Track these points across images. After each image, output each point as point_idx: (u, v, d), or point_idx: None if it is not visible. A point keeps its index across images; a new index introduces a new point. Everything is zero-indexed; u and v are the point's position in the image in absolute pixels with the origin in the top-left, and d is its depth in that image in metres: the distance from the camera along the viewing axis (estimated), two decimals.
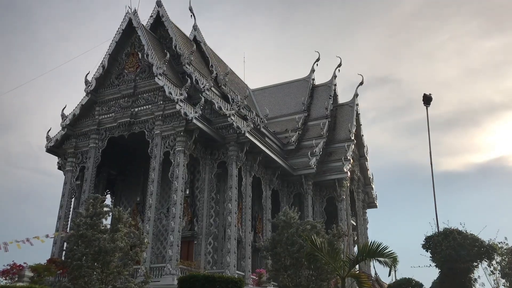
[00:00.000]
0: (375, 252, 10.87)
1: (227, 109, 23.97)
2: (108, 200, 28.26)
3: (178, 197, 20.89)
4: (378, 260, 11.05)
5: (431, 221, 19.60)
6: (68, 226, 22.79)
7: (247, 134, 23.00)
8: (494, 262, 19.39)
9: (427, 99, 15.67)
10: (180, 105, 21.88)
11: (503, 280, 19.24)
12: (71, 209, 24.08)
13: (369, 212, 36.94)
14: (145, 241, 14.13)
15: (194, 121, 21.56)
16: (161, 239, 23.80)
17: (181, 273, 19.28)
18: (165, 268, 19.63)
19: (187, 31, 32.50)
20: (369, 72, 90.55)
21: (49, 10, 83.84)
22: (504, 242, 43.22)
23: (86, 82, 25.11)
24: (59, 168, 25.83)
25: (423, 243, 17.61)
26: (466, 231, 17.37)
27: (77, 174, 24.60)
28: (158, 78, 22.99)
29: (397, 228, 75.73)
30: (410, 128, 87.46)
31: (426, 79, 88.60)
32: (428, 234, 17.96)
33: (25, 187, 71.44)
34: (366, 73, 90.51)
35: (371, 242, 11.22)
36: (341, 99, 36.37)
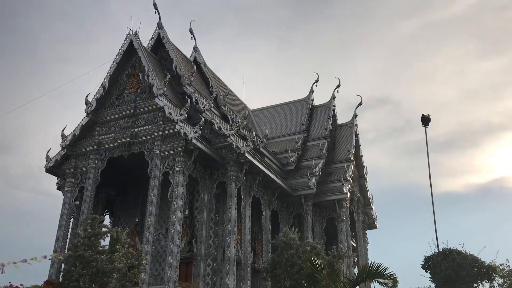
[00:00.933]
0: (375, 273, 10.78)
1: (226, 129, 24.04)
2: (107, 220, 28.16)
3: (177, 218, 20.81)
4: (378, 281, 10.95)
5: (430, 241, 19.50)
6: (67, 247, 22.63)
7: (246, 154, 23.02)
8: (495, 284, 19.19)
9: (425, 120, 15.74)
10: (180, 125, 21.96)
11: None
12: (70, 230, 23.94)
13: (370, 233, 36.78)
14: (143, 262, 14.01)
15: (194, 141, 21.61)
16: (160, 260, 23.58)
17: None
18: None
19: (188, 52, 32.82)
20: (368, 93, 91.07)
21: (51, 33, 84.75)
22: (506, 264, 42.79)
23: (87, 102, 25.25)
24: (58, 188, 25.81)
25: (423, 263, 17.46)
26: (465, 251, 17.23)
27: (76, 194, 24.53)
28: (158, 99, 23.13)
29: (398, 249, 75.16)
30: (409, 149, 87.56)
31: (425, 100, 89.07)
32: (428, 255, 17.82)
33: (25, 208, 71.18)
34: (365, 94, 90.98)
35: (371, 263, 11.12)
36: (341, 120, 36.52)
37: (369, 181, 34.33)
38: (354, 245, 32.37)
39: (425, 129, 16.02)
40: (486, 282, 17.04)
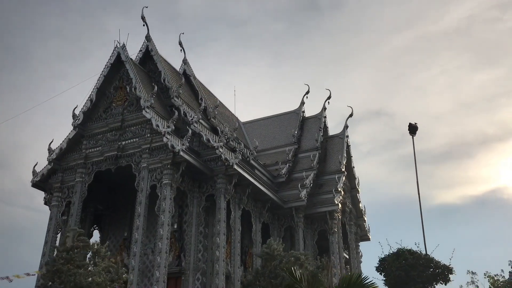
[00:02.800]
0: (356, 283, 10.53)
1: (215, 141, 23.81)
2: (96, 235, 27.78)
3: (164, 232, 20.46)
4: None
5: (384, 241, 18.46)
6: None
7: (235, 166, 22.77)
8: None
9: (412, 129, 15.60)
10: (167, 138, 21.71)
11: None
12: (56, 245, 23.47)
13: (366, 245, 36.48)
14: (123, 276, 13.64)
15: (181, 153, 21.36)
16: (149, 275, 23.06)
17: None
18: None
19: (178, 65, 32.75)
20: (363, 105, 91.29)
21: (46, 49, 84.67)
22: (501, 275, 42.43)
23: (74, 116, 24.98)
24: (46, 203, 25.40)
25: (377, 265, 16.65)
26: (420, 251, 16.47)
27: (62, 209, 24.13)
28: (146, 111, 22.90)
29: None
30: (404, 161, 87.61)
31: (419, 113, 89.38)
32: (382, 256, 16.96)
33: (18, 224, 70.35)
34: (359, 106, 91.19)
35: (351, 273, 10.88)
36: (335, 132, 36.32)
37: (365, 193, 34.25)
38: (347, 257, 32.01)
39: (413, 137, 15.88)
40: (441, 283, 16.30)
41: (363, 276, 10.45)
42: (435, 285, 15.37)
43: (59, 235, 23.86)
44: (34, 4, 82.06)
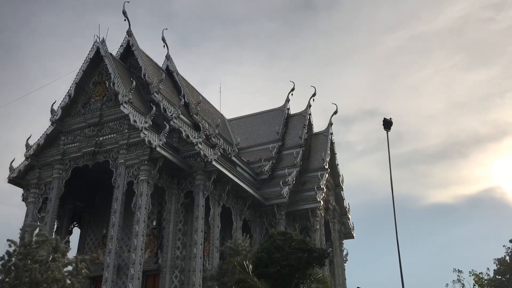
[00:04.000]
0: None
1: (194, 137, 23.55)
2: (76, 232, 27.41)
3: (140, 228, 20.18)
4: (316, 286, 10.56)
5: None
6: None
7: (214, 162, 22.52)
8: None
9: (387, 124, 15.43)
10: (144, 133, 21.42)
11: None
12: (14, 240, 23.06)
13: (352, 243, 36.34)
14: (83, 271, 13.36)
15: (158, 149, 21.08)
16: (127, 273, 22.80)
17: None
18: None
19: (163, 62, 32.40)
20: (357, 105, 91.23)
21: (38, 47, 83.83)
22: (486, 273, 42.22)
23: (52, 111, 24.64)
24: (23, 200, 24.99)
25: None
26: (295, 234, 15.02)
27: (39, 205, 23.77)
28: (123, 106, 22.60)
29: (383, 261, 74.89)
30: (398, 161, 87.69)
31: (413, 112, 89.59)
32: None
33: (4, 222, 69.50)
34: (353, 106, 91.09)
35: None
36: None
37: (358, 192, 34.00)
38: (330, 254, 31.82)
39: (387, 133, 15.70)
40: (318, 268, 14.63)
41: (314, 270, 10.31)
42: (311, 269, 13.74)
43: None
44: (27, 2, 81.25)
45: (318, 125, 36.21)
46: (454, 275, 42.04)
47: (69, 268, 13.02)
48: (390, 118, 15.58)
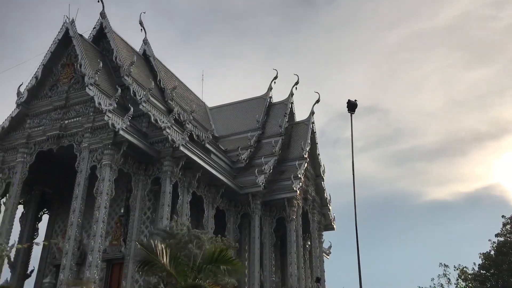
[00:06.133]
0: (220, 259, 9.72)
1: (163, 122, 22.75)
2: (45, 219, 26.66)
3: (100, 214, 19.43)
4: (223, 267, 9.90)
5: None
6: None
7: (181, 148, 21.74)
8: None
9: (351, 106, 14.69)
10: (108, 116, 20.60)
11: None
12: None
13: (330, 234, 35.61)
14: (4, 253, 12.59)
15: (121, 132, 20.27)
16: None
17: None
18: None
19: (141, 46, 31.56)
20: (357, 101, 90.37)
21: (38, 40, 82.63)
22: (472, 268, 41.42)
23: (18, 93, 23.83)
24: None
25: None
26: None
27: (2, 190, 22.89)
28: (89, 88, 21.77)
29: (382, 258, 74.56)
30: (397, 157, 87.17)
31: (412, 109, 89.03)
32: None
33: None
34: None
35: (215, 249, 10.00)
36: (326, 129, 35.42)
37: (357, 189, 32.87)
38: (307, 246, 31.21)
39: (351, 115, 14.96)
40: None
41: (227, 254, 9.64)
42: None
43: None
44: None
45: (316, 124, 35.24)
46: (440, 270, 41.69)
47: None
48: (355, 100, 14.85)
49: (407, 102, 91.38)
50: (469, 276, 38.28)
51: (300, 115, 35.57)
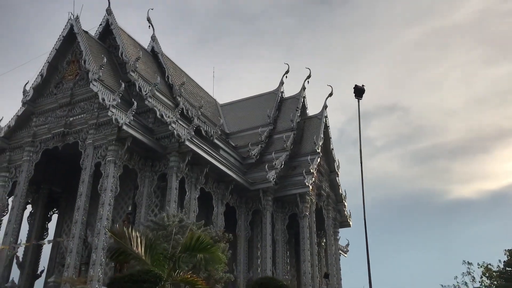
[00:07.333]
0: (197, 247, 9.07)
1: (169, 117, 22.23)
2: (54, 218, 26.43)
3: (104, 212, 18.99)
4: (200, 256, 9.27)
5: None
6: None
7: (187, 143, 21.17)
8: None
9: (359, 91, 13.91)
10: (112, 111, 20.16)
11: None
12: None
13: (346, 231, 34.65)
14: None
15: (125, 127, 19.81)
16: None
17: None
18: None
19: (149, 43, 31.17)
20: (376, 100, 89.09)
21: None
22: (497, 265, 40.04)
23: (24, 92, 23.62)
24: None
25: None
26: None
27: (9, 189, 22.76)
28: (93, 84, 21.40)
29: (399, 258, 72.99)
30: (418, 156, 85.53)
31: (433, 107, 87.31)
32: None
33: None
34: (372, 101, 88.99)
35: (192, 237, 9.33)
36: (346, 128, 34.61)
37: (377, 188, 32.18)
38: (321, 243, 30.37)
39: (358, 101, 14.16)
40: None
41: (205, 242, 8.98)
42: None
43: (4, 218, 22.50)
44: None
45: (333, 122, 34.41)
46: (464, 268, 40.33)
47: None
48: (363, 85, 14.06)
49: (427, 100, 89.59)
50: (494, 273, 36.88)
51: (314, 112, 34.75)
